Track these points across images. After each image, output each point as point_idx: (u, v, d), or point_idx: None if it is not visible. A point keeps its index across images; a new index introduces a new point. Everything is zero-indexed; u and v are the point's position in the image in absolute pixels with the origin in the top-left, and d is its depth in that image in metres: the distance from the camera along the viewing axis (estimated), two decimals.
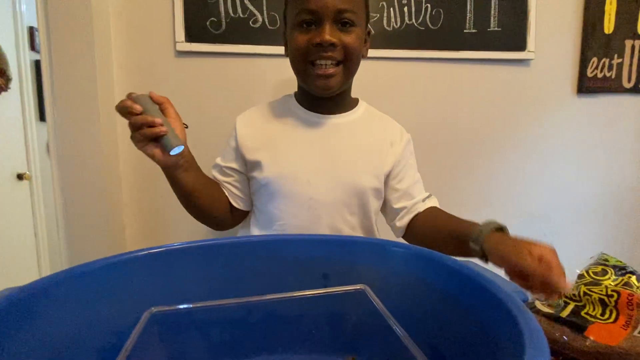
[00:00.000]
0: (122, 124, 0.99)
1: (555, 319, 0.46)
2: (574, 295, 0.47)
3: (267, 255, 0.40)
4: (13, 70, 1.65)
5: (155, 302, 0.33)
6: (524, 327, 0.21)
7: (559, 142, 1.18)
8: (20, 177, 1.72)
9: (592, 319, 0.42)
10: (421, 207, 0.67)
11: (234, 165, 0.67)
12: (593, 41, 1.11)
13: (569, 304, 0.47)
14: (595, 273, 0.48)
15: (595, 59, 1.12)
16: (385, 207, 0.71)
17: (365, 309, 0.34)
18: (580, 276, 0.49)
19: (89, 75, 0.87)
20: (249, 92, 0.99)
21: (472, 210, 1.17)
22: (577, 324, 0.43)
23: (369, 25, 0.66)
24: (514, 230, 1.25)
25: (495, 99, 1.13)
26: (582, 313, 0.44)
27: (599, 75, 1.13)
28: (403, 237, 0.69)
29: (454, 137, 1.13)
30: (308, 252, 0.41)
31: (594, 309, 0.44)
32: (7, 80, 1.61)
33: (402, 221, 0.67)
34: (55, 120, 0.88)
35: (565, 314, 0.45)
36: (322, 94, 0.63)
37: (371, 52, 1.02)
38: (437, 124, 1.12)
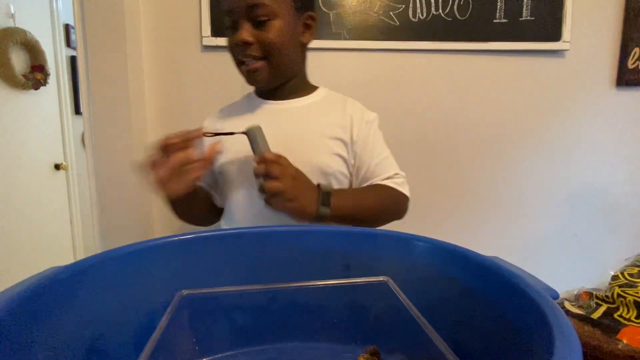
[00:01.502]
0: (152, 117, 1.02)
1: (586, 320, 0.44)
2: (606, 297, 0.45)
3: (290, 245, 0.41)
4: (50, 66, 1.75)
5: (185, 286, 0.34)
6: (554, 323, 0.20)
7: (596, 138, 1.12)
8: (57, 167, 1.82)
9: (626, 322, 0.41)
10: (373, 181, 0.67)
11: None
12: (635, 30, 1.04)
13: (601, 305, 0.45)
14: (631, 275, 0.46)
15: (637, 50, 1.05)
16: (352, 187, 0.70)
17: (388, 301, 0.34)
18: (615, 277, 0.47)
19: (121, 70, 0.91)
20: None
21: (502, 206, 1.14)
22: (609, 326, 0.41)
23: (311, 9, 0.64)
24: (542, 229, 1.21)
25: (527, 92, 1.08)
26: (615, 315, 0.42)
27: None
28: None
29: (483, 132, 1.10)
30: (330, 243, 0.42)
31: (628, 312, 0.42)
32: (46, 75, 1.71)
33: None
34: (90, 113, 0.92)
35: (596, 315, 0.44)
36: (256, 86, 0.65)
37: (396, 44, 1.01)
38: (466, 119, 1.09)
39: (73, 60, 1.92)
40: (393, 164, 0.70)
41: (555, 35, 1.03)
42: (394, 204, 0.69)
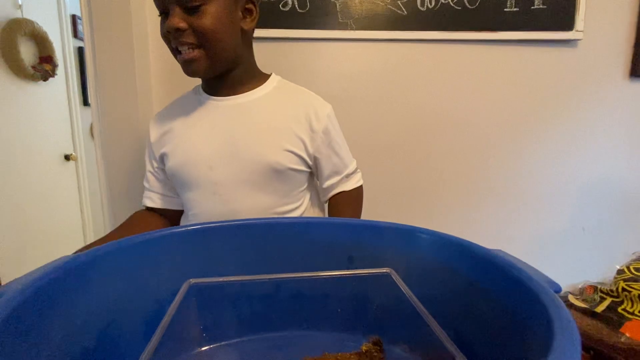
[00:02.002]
0: (159, 108, 1.03)
1: (589, 314, 0.44)
2: (611, 291, 0.45)
3: (295, 237, 0.42)
4: (58, 57, 1.76)
5: (192, 275, 0.35)
6: (555, 316, 0.21)
7: (608, 131, 1.10)
8: (67, 157, 1.85)
9: (630, 316, 0.41)
10: (334, 190, 0.70)
11: (151, 167, 0.69)
12: None
13: (605, 299, 0.45)
14: (637, 269, 0.46)
15: None
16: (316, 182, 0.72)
17: (390, 292, 0.35)
18: (620, 272, 0.47)
19: (128, 61, 0.91)
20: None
21: (509, 198, 1.13)
22: (613, 320, 0.41)
23: None
24: (550, 222, 1.20)
25: (538, 83, 1.06)
26: (619, 309, 0.42)
27: None
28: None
29: (492, 124, 1.09)
30: (334, 235, 0.42)
31: (632, 306, 0.42)
32: (54, 66, 1.72)
33: (324, 199, 0.72)
34: (98, 104, 0.93)
35: (600, 309, 0.44)
36: (195, 77, 0.62)
37: (404, 34, 0.99)
38: (474, 111, 1.08)
39: (80, 51, 1.93)
40: (349, 156, 0.71)
41: (568, 25, 1.00)
42: (360, 209, 0.74)
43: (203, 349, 0.37)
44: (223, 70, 0.62)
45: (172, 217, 0.72)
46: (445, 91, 1.06)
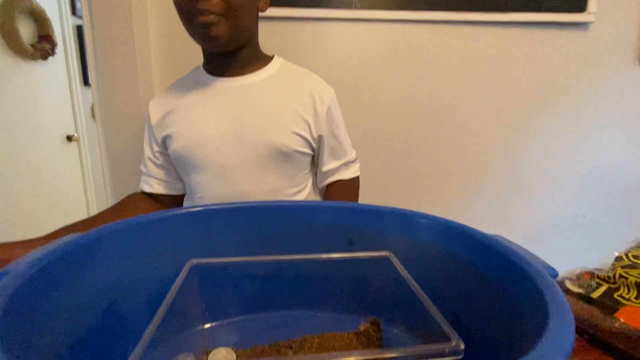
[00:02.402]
0: (160, 87, 1.02)
1: (585, 299, 0.45)
2: (608, 277, 0.46)
3: (297, 220, 0.42)
4: (57, 36, 1.72)
5: (195, 256, 0.36)
6: (550, 300, 0.21)
7: (615, 119, 1.08)
8: (69, 138, 1.85)
9: (625, 302, 0.41)
10: (332, 177, 0.70)
11: (150, 152, 0.68)
12: None
13: (601, 285, 0.46)
14: (636, 256, 0.46)
15: None
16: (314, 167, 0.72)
17: (389, 275, 0.35)
18: (618, 259, 0.47)
19: (127, 40, 0.89)
20: (304, 58, 0.98)
21: (512, 184, 1.13)
22: (608, 306, 0.42)
23: None
24: (551, 208, 1.20)
25: (546, 67, 1.04)
26: (615, 295, 0.43)
27: None
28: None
29: (497, 108, 1.07)
30: (335, 218, 0.42)
31: (628, 292, 0.42)
32: (53, 45, 1.69)
33: (321, 185, 0.72)
34: (99, 84, 0.92)
35: (596, 295, 0.44)
36: (214, 48, 0.60)
37: (410, 15, 0.97)
38: (479, 94, 1.06)
39: (80, 30, 1.89)
40: (349, 144, 0.71)
41: (580, 6, 0.97)
42: (357, 200, 0.75)
43: (205, 326, 0.38)
44: (237, 46, 0.62)
45: (169, 202, 0.71)
46: (451, 74, 1.04)
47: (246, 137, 0.61)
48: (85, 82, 1.93)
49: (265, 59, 0.67)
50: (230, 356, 0.35)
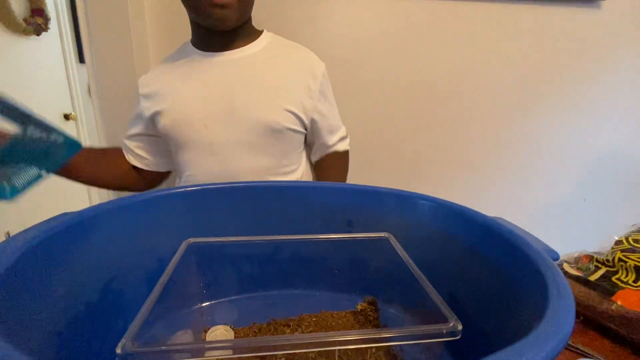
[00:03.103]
0: (156, 61, 0.99)
1: (582, 281, 0.45)
2: (607, 260, 0.46)
3: (295, 200, 0.41)
4: (50, 10, 1.67)
5: (192, 235, 0.35)
6: (551, 283, 0.21)
7: (622, 102, 1.06)
8: (67, 117, 1.83)
9: (623, 285, 0.41)
10: (330, 150, 0.70)
11: (136, 130, 0.67)
12: None
13: (600, 268, 0.46)
14: (636, 240, 0.46)
15: None
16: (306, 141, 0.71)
17: (388, 256, 0.35)
18: (618, 242, 0.47)
19: (121, 15, 0.86)
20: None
21: (513, 166, 1.12)
22: (606, 288, 0.42)
23: None
24: (552, 191, 1.18)
25: (553, 46, 1.00)
26: (613, 278, 0.43)
27: None
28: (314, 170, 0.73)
29: (501, 88, 1.04)
30: (334, 199, 0.42)
31: (626, 275, 0.42)
32: (46, 19, 1.64)
33: (314, 157, 0.72)
34: (94, 61, 0.90)
35: (594, 277, 0.45)
36: (220, 27, 0.58)
37: None
38: (483, 73, 1.03)
39: (73, 3, 1.83)
40: (339, 117, 0.71)
41: None
42: (346, 173, 0.76)
43: (203, 304, 0.38)
44: (241, 22, 0.60)
45: (146, 176, 0.71)
46: (453, 53, 1.00)
47: (236, 113, 0.59)
48: (81, 59, 1.89)
49: (255, 33, 0.65)
50: (229, 333, 0.35)
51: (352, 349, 0.30)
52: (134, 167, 0.69)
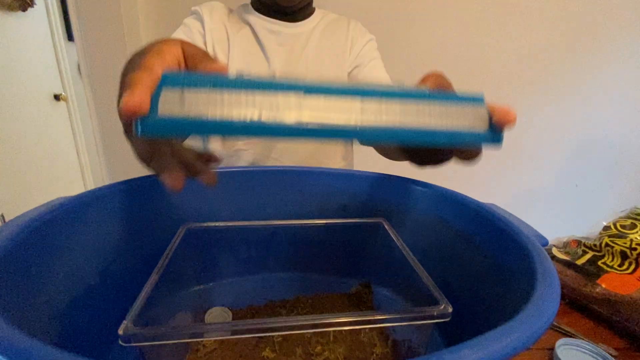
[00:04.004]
0: (147, 38, 0.97)
1: (569, 265, 0.47)
2: (594, 245, 0.47)
3: (291, 184, 0.42)
4: None
5: (190, 219, 0.36)
6: (539, 268, 0.21)
7: (616, 87, 1.05)
8: (57, 97, 1.78)
9: (608, 269, 0.43)
10: None
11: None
12: None
13: (587, 253, 0.47)
14: (623, 226, 0.47)
15: None
16: None
17: (381, 240, 0.36)
18: (606, 228, 0.49)
19: None
20: None
21: (506, 151, 1.13)
22: (591, 272, 0.44)
23: None
24: (544, 176, 1.19)
25: (547, 32, 0.99)
26: (599, 262, 0.44)
27: None
28: None
29: (490, 74, 1.04)
30: (330, 184, 0.42)
31: (612, 260, 0.44)
32: None
33: None
34: (83, 39, 0.87)
35: (581, 262, 0.46)
36: (288, 4, 0.58)
37: None
38: (470, 59, 1.02)
39: None
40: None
41: None
42: None
43: (201, 287, 0.39)
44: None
45: None
46: (442, 35, 0.99)
47: None
48: (69, 37, 1.82)
49: (311, 9, 0.66)
50: (227, 315, 0.36)
51: (347, 330, 0.32)
52: None
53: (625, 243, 0.43)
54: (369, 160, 0.75)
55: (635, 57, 1.02)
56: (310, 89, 0.20)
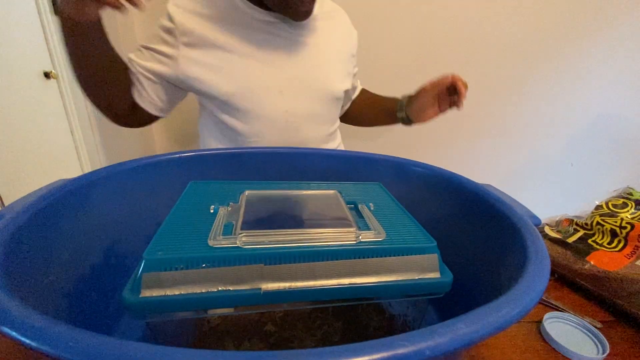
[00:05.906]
0: (139, 20, 0.93)
1: (561, 243, 0.48)
2: (585, 224, 0.48)
3: (291, 166, 0.42)
4: None
5: None
6: (530, 247, 0.22)
7: (615, 68, 1.04)
8: (47, 75, 1.73)
9: (598, 247, 0.44)
10: (357, 92, 0.74)
11: (157, 67, 0.54)
12: None
13: (578, 231, 0.49)
14: (615, 205, 0.48)
15: None
16: None
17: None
18: (598, 207, 0.50)
19: None
20: None
21: (502, 130, 1.13)
22: (581, 250, 0.45)
23: None
24: (542, 156, 1.20)
25: (544, 10, 0.97)
26: (589, 240, 0.46)
27: None
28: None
29: (489, 55, 1.02)
30: (327, 165, 0.42)
31: (602, 238, 0.45)
32: None
33: (343, 109, 0.74)
34: None
35: (572, 240, 0.47)
36: (304, 18, 0.54)
37: None
38: (469, 40, 1.00)
39: None
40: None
41: None
42: None
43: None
44: None
45: (142, 115, 0.59)
46: (442, 16, 0.96)
47: (309, 80, 0.58)
48: (56, 10, 1.75)
49: None
50: None
51: (345, 306, 0.33)
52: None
53: (615, 222, 0.44)
54: (354, 143, 0.75)
55: (632, 38, 1.00)
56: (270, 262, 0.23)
